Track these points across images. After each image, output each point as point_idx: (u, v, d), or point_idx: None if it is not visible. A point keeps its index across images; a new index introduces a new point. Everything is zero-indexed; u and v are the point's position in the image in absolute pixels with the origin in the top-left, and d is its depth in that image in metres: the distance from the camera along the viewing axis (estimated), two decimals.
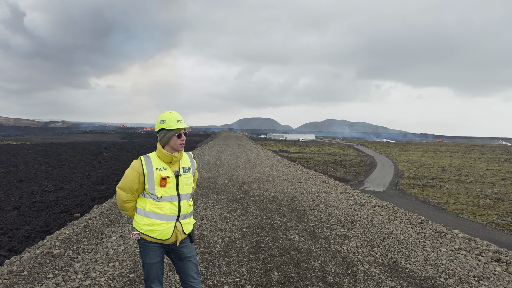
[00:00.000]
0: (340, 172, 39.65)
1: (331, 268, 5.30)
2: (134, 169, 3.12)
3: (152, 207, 3.10)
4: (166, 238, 3.13)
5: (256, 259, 5.62)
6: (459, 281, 4.90)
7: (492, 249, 6.19)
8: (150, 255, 3.21)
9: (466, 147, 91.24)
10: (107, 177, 24.37)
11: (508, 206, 23.14)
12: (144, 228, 3.12)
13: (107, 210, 8.54)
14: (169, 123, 3.15)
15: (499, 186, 32.12)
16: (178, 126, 3.16)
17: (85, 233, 6.71)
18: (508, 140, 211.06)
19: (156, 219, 3.10)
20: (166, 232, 3.12)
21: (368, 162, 52.07)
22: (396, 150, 76.28)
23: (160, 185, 3.10)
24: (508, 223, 18.41)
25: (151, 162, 3.15)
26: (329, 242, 6.49)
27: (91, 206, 14.75)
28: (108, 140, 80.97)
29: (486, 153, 73.14)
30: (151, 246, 3.19)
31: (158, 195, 3.10)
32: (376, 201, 10.25)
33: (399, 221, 8.09)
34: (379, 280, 4.90)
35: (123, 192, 3.17)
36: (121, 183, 3.18)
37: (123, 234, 6.76)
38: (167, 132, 3.16)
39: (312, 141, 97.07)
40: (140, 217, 3.17)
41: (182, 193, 3.21)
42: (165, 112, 3.25)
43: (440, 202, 24.19)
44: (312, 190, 11.75)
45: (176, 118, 3.18)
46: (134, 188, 3.13)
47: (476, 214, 20.72)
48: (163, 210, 3.11)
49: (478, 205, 23.39)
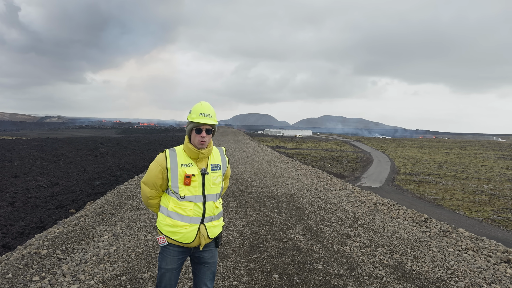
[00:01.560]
0: (337, 168, 39.45)
1: (334, 270, 5.03)
2: (158, 163, 2.85)
3: (174, 206, 2.83)
4: (188, 242, 2.85)
5: (255, 260, 5.34)
6: (470, 284, 4.65)
7: (501, 249, 5.95)
8: (167, 259, 2.92)
9: (462, 144, 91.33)
10: (103, 173, 24.02)
11: (504, 202, 23.05)
12: (166, 229, 2.86)
13: (100, 207, 8.23)
14: (192, 114, 2.83)
15: (495, 182, 32.08)
16: (199, 119, 2.79)
17: (75, 232, 6.41)
18: (503, 137, 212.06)
19: (178, 220, 2.82)
20: (188, 235, 2.83)
21: (365, 158, 51.93)
22: (392, 146, 76.19)
23: (184, 183, 2.80)
24: (503, 219, 18.33)
25: (176, 157, 2.85)
26: (331, 241, 6.23)
27: (87, 201, 14.47)
28: (104, 135, 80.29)
29: (482, 150, 73.15)
30: (171, 250, 2.90)
31: (182, 194, 2.81)
32: (377, 198, 10.00)
33: (402, 219, 7.84)
34: (385, 283, 4.64)
35: (147, 188, 2.92)
36: (145, 178, 2.93)
37: (115, 233, 6.46)
38: (189, 124, 2.87)
39: (309, 137, 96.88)
40: (162, 216, 2.90)
41: (208, 194, 2.89)
42: (199, 102, 2.89)
43: (436, 198, 24.07)
44: (311, 186, 11.48)
45: (200, 111, 2.81)
46: (158, 184, 2.87)
47: (472, 210, 20.63)
48: (185, 211, 2.82)
49: (474, 201, 23.30)
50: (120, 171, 24.28)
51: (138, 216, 7.59)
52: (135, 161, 30.50)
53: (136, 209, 8.12)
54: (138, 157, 34.40)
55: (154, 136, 79.59)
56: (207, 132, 2.83)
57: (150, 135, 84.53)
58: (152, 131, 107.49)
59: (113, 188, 15.50)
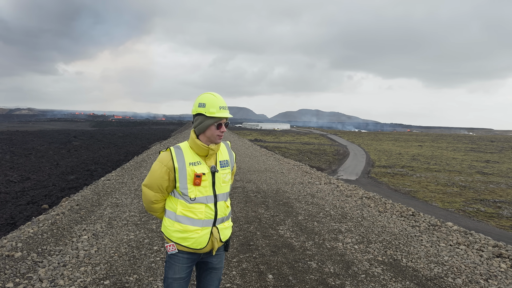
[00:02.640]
0: (315, 161, 39.73)
1: (330, 268, 4.86)
2: (163, 163, 2.52)
3: (183, 210, 2.54)
4: (201, 247, 2.58)
5: (247, 260, 5.10)
6: (467, 281, 4.57)
7: (491, 243, 5.94)
8: (175, 268, 2.61)
9: (434, 137, 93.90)
10: (77, 167, 23.18)
11: (474, 193, 23.80)
12: (175, 236, 2.56)
13: (77, 204, 7.77)
14: (210, 108, 2.53)
15: (465, 174, 33.10)
16: (220, 114, 2.54)
17: (52, 232, 5.97)
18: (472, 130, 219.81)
19: (189, 224, 2.54)
20: (201, 240, 2.56)
21: (341, 151, 52.57)
22: (367, 139, 77.49)
23: (194, 184, 2.52)
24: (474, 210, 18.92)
25: (183, 155, 2.56)
26: (323, 238, 6.06)
27: (60, 197, 13.87)
28: (78, 128, 77.85)
29: (453, 143, 75.45)
30: (179, 257, 2.60)
31: (192, 196, 2.53)
32: (363, 192, 9.95)
33: (390, 213, 7.78)
34: (383, 282, 4.50)
35: (150, 191, 2.58)
36: (147, 180, 2.59)
37: (95, 232, 6.07)
38: (205, 119, 2.54)
39: (287, 130, 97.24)
40: (169, 221, 2.59)
41: (219, 193, 2.63)
42: (205, 93, 2.60)
43: (410, 190, 24.57)
44: (296, 181, 11.32)
45: (219, 104, 2.55)
46: (163, 186, 2.55)
47: (445, 202, 21.20)
48: (196, 214, 2.54)
49: (446, 192, 23.93)
50: (95, 165, 23.50)
51: (118, 213, 7.20)
52: (110, 155, 29.65)
53: (116, 206, 7.72)
54: (113, 151, 33.48)
55: (130, 129, 77.87)
56: (225, 125, 2.61)
57: (125, 128, 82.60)
58: (127, 124, 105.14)
59: (89, 184, 14.93)
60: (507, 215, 18.12)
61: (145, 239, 5.84)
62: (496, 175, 32.73)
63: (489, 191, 25.18)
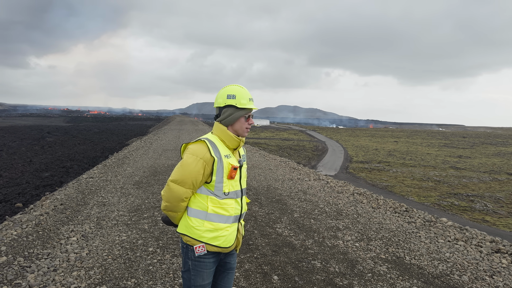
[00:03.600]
0: (294, 157, 39.90)
1: (335, 267, 4.74)
2: (199, 155, 2.35)
3: (215, 207, 2.40)
4: (229, 246, 2.46)
5: (249, 260, 4.92)
6: (473, 278, 4.55)
7: (488, 238, 5.99)
8: (204, 274, 2.44)
9: (409, 133, 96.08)
10: (52, 164, 22.32)
11: (448, 188, 24.52)
12: (207, 236, 2.39)
13: (61, 204, 7.36)
14: (241, 100, 2.45)
15: (439, 169, 34.00)
16: (250, 105, 2.48)
17: (37, 234, 5.60)
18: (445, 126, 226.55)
19: (220, 222, 2.41)
20: (230, 237, 2.46)
21: (320, 147, 53.05)
22: (345, 135, 78.50)
23: (229, 177, 2.41)
24: (448, 203, 19.51)
25: (217, 147, 2.42)
26: (322, 235, 5.95)
27: (35, 195, 13.27)
28: (52, 124, 75.17)
29: (427, 139, 77.37)
30: (205, 262, 2.43)
31: (226, 190, 2.41)
32: (353, 188, 9.93)
33: (384, 210, 7.77)
34: (391, 281, 4.41)
35: (181, 188, 2.36)
36: (178, 175, 2.37)
37: (84, 233, 5.74)
38: (236, 110, 2.46)
39: (267, 126, 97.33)
40: (198, 221, 2.41)
41: (243, 187, 2.57)
42: (232, 85, 2.51)
43: (387, 185, 25.02)
44: (285, 177, 11.20)
45: (248, 96, 2.49)
46: (198, 181, 2.37)
47: (420, 196, 21.71)
48: (228, 210, 2.43)
49: (421, 187, 24.51)
50: (70, 161, 22.72)
51: (106, 213, 6.87)
52: (86, 151, 28.74)
53: (103, 205, 7.37)
54: (89, 147, 32.50)
55: (106, 125, 75.95)
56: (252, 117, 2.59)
57: (101, 123, 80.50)
58: (103, 120, 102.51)
59: (65, 181, 14.33)
60: (479, 208, 18.73)
61: (138, 240, 5.57)
62: (468, 170, 33.81)
63: (462, 185, 25.99)
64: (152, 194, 8.44)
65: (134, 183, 9.62)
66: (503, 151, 52.82)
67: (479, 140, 71.16)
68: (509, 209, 20.11)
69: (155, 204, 7.59)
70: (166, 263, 4.76)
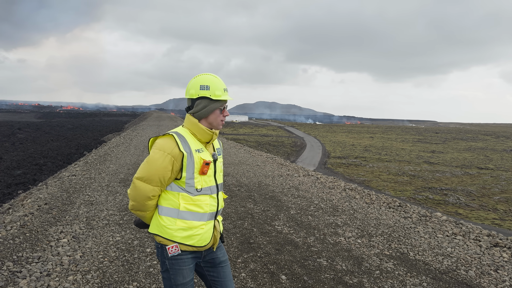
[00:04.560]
0: (273, 153, 39.96)
1: (342, 265, 4.65)
2: (166, 151, 2.20)
3: (187, 204, 2.26)
4: (205, 244, 2.34)
5: (253, 260, 4.76)
6: (480, 273, 4.56)
7: (485, 232, 6.07)
8: (183, 272, 2.31)
9: (384, 129, 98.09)
10: (24, 161, 21.38)
11: (422, 182, 25.18)
12: (179, 235, 2.25)
13: (45, 203, 6.96)
14: (215, 91, 2.30)
15: (414, 164, 34.86)
16: (225, 96, 2.34)
17: (24, 236, 5.24)
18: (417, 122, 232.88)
19: (193, 220, 2.28)
20: (206, 235, 2.33)
21: (299, 143, 53.41)
22: (323, 131, 79.38)
23: (201, 173, 2.27)
24: (423, 197, 20.07)
25: (187, 141, 2.27)
26: (322, 232, 5.86)
27: (7, 193, 12.65)
28: (22, 119, 72.13)
29: (402, 134, 79.24)
30: (184, 259, 2.31)
31: (198, 186, 2.27)
32: (344, 184, 9.93)
33: (378, 205, 7.77)
34: (400, 278, 4.36)
35: (147, 185, 2.22)
36: (143, 172, 2.22)
37: (75, 234, 5.41)
38: (210, 102, 2.31)
39: (245, 122, 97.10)
40: (170, 219, 2.27)
41: (219, 183, 2.43)
42: (205, 74, 2.33)
43: (364, 179, 25.44)
44: (274, 173, 11.08)
45: (223, 86, 2.34)
46: (165, 178, 2.23)
47: (396, 190, 22.21)
48: (202, 207, 2.30)
49: (397, 181, 25.07)
50: (43, 158, 21.84)
51: (95, 212, 6.54)
52: (60, 148, 27.75)
53: (91, 204, 7.02)
54: (63, 144, 31.42)
55: (80, 121, 73.74)
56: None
57: (75, 119, 78.11)
58: (76, 116, 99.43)
59: (42, 179, 13.71)
60: (452, 201, 19.33)
61: (134, 240, 5.31)
62: (441, 165, 34.84)
63: (436, 179, 26.75)
64: None
65: (120, 181, 9.26)
66: (473, 146, 54.74)
67: (451, 135, 73.44)
68: (480, 202, 20.86)
69: None
70: None
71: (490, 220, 16.42)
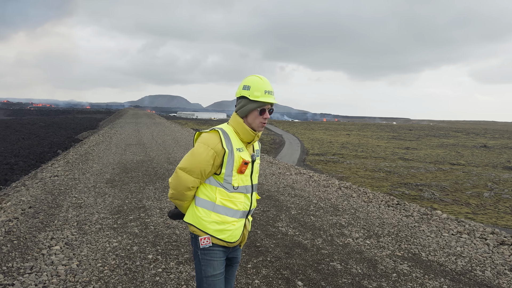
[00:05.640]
0: None
1: (357, 269, 4.47)
2: (210, 145, 2.28)
3: (223, 199, 2.34)
4: (235, 241, 2.42)
5: (264, 265, 4.51)
6: (496, 273, 4.48)
7: (488, 230, 6.04)
8: (214, 263, 2.38)
9: (360, 126, 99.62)
10: None
11: (398, 178, 25.68)
12: (211, 228, 2.34)
13: (30, 206, 6.47)
14: (254, 91, 2.33)
15: (389, 160, 35.54)
16: (265, 99, 2.33)
17: (12, 244, 4.79)
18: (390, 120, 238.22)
19: (227, 215, 2.35)
20: (236, 232, 2.41)
21: (278, 140, 53.47)
22: (301, 128, 79.82)
23: (239, 171, 2.35)
24: (399, 193, 20.49)
25: (230, 139, 2.33)
26: (329, 233, 5.67)
27: None
28: None
29: (377, 131, 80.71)
30: (216, 251, 2.38)
31: (235, 184, 2.35)
32: (338, 182, 9.82)
33: (377, 203, 7.68)
34: (419, 280, 4.21)
35: (189, 176, 2.31)
36: (187, 163, 2.31)
37: (67, 241, 5.01)
38: (248, 102, 2.35)
39: (224, 120, 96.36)
40: (205, 211, 2.35)
41: (254, 183, 2.51)
42: (252, 76, 2.39)
43: (343, 176, 25.68)
44: (266, 171, 10.85)
45: (265, 88, 2.34)
46: (206, 171, 2.31)
47: (374, 186, 22.57)
48: (236, 204, 2.37)
49: (374, 178, 25.45)
50: (14, 158, 20.80)
51: (86, 216, 6.13)
52: (32, 147, 26.57)
53: (80, 207, 6.59)
54: (35, 142, 30.12)
55: (52, 118, 71.11)
56: (269, 112, 2.41)
57: (47, 117, 75.22)
58: (48, 113, 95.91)
59: (14, 179, 12.96)
60: (427, 197, 19.81)
61: (133, 246, 4.96)
62: (415, 161, 35.65)
63: (411, 175, 27.31)
64: (131, 193, 7.74)
65: (107, 181, 8.80)
66: (446, 143, 56.38)
67: (424, 132, 75.35)
68: (454, 196, 21.45)
69: (137, 205, 6.93)
70: (173, 272, 4.24)
71: (463, 214, 16.84)
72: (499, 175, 26.77)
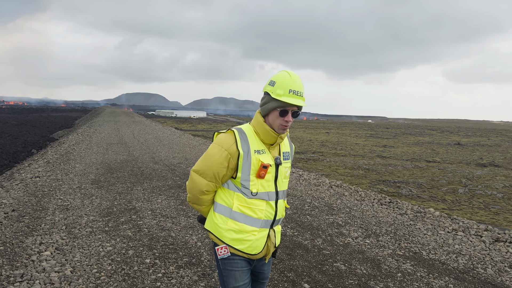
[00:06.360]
0: None
1: (361, 269, 4.42)
2: (224, 147, 2.09)
3: (241, 205, 2.13)
4: (256, 253, 2.17)
5: None
6: (497, 270, 4.52)
7: (482, 227, 6.13)
8: (236, 274, 2.18)
9: (338, 124, 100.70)
10: None
11: (377, 175, 26.19)
12: (228, 236, 2.15)
13: (13, 210, 6.12)
14: (278, 89, 2.06)
15: (368, 158, 36.08)
16: (287, 99, 2.03)
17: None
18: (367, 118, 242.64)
19: (245, 223, 2.13)
20: (257, 243, 2.16)
21: None
22: None
23: (258, 176, 2.10)
24: (378, 190, 20.87)
25: (248, 140, 2.11)
26: (328, 233, 5.61)
27: None
28: None
29: (355, 130, 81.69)
30: (237, 261, 2.18)
31: (253, 190, 2.11)
32: (329, 181, 9.81)
33: (370, 202, 7.69)
34: (424, 280, 4.19)
35: (202, 180, 2.15)
36: (200, 165, 2.15)
37: (58, 246, 4.74)
38: (270, 100, 2.10)
39: (204, 118, 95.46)
40: (222, 218, 2.17)
41: (280, 189, 2.23)
42: (283, 71, 2.13)
43: (323, 173, 25.94)
44: None
45: (291, 87, 2.05)
46: (220, 174, 2.12)
47: (353, 183, 22.89)
48: (256, 212, 2.13)
49: (353, 175, 25.84)
50: None
51: (74, 219, 5.85)
52: (4, 146, 25.53)
53: (67, 210, 6.29)
54: (8, 141, 28.94)
55: (25, 116, 68.50)
56: (293, 115, 2.11)
57: (20, 115, 72.48)
58: (21, 111, 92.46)
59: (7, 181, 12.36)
60: (405, 193, 20.25)
61: (128, 250, 4.75)
62: (393, 158, 36.38)
63: (388, 172, 27.88)
64: (119, 195, 7.47)
65: (92, 182, 8.48)
66: (421, 141, 57.71)
67: (400, 130, 76.87)
68: (430, 193, 22.01)
69: (127, 206, 6.69)
70: (174, 277, 4.06)
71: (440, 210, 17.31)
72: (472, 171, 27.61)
